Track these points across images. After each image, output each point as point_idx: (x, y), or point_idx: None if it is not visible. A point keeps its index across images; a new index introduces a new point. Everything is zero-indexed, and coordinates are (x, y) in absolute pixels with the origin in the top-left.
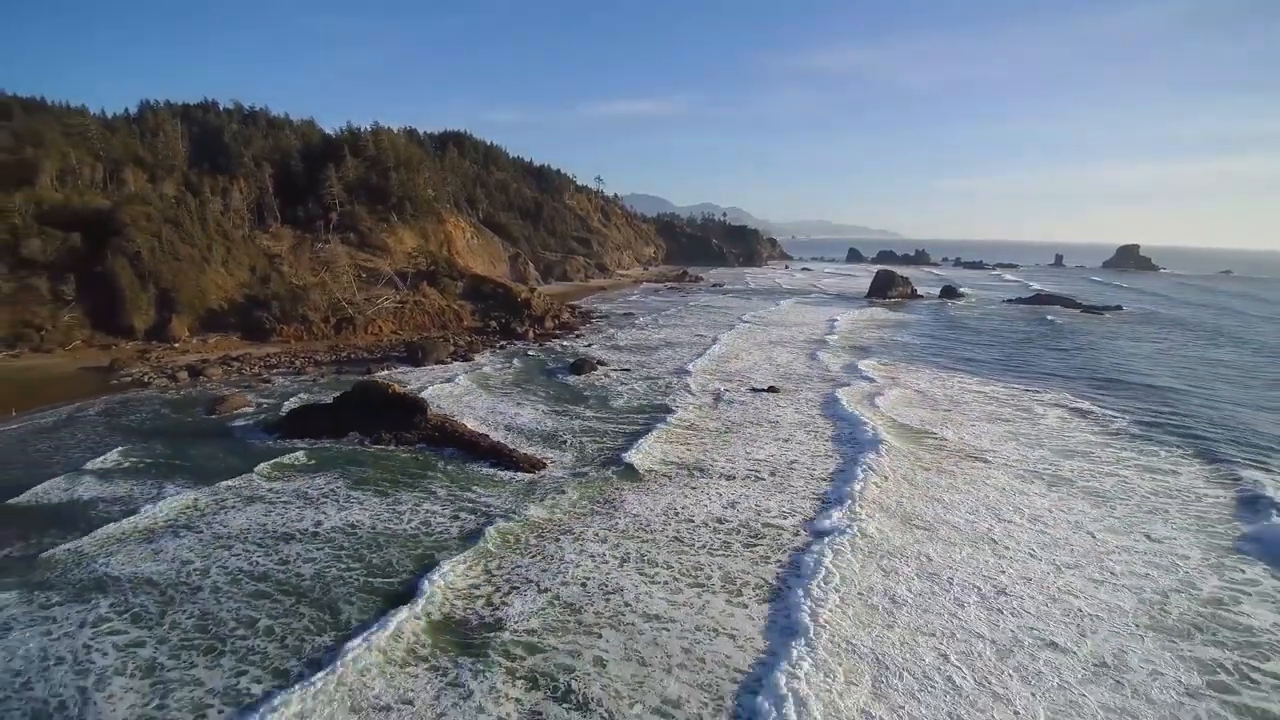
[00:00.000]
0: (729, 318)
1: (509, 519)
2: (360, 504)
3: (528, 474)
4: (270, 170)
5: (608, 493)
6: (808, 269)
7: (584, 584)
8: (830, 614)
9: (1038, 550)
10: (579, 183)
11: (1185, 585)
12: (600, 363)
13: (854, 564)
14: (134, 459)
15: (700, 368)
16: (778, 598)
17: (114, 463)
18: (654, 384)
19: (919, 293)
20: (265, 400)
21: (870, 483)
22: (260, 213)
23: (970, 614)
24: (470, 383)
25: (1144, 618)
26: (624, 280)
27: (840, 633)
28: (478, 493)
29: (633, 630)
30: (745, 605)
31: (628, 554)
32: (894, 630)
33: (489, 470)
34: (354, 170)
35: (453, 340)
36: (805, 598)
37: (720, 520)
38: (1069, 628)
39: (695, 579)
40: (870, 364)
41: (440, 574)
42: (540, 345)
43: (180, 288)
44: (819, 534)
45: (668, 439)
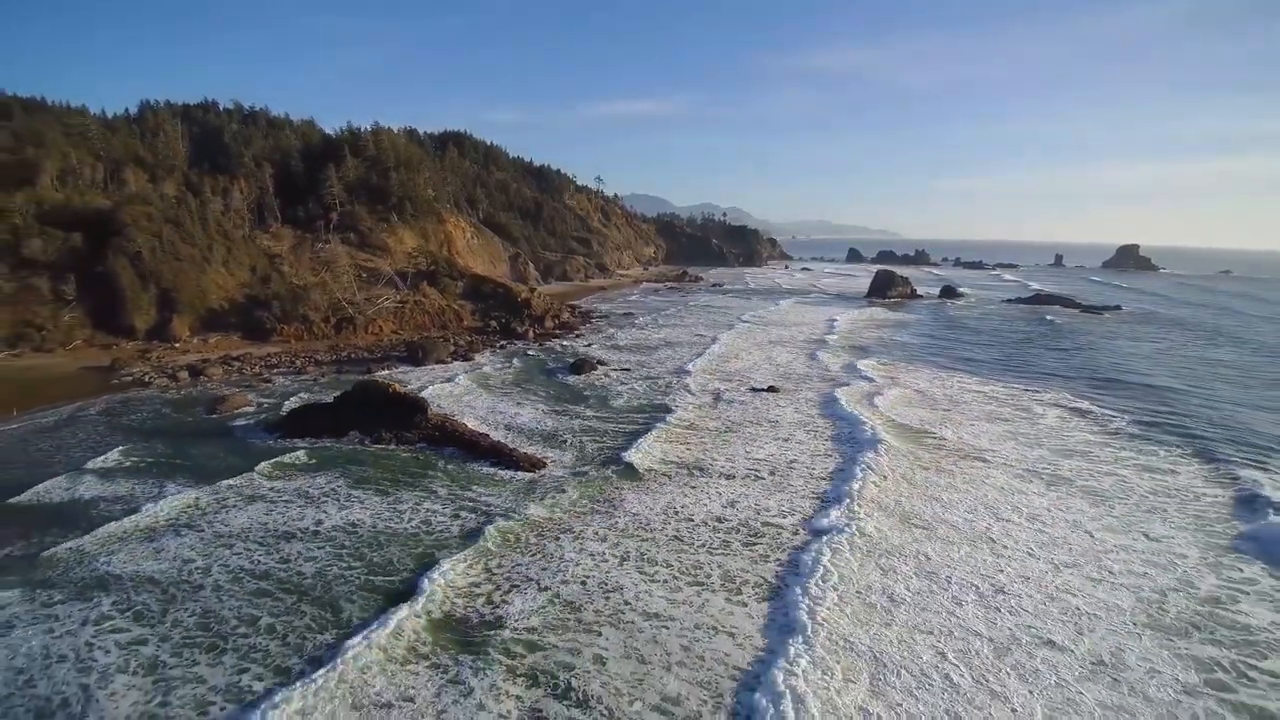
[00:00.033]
0: (729, 317)
1: (509, 518)
2: (361, 503)
3: (528, 473)
4: (270, 170)
5: (608, 492)
6: (808, 269)
7: (584, 582)
8: (828, 612)
9: (1036, 549)
10: (579, 183)
11: (1183, 584)
12: (600, 362)
13: (852, 563)
14: (135, 458)
15: (700, 367)
16: (777, 596)
17: (115, 462)
18: (654, 384)
19: (919, 293)
20: (266, 400)
21: (869, 482)
22: (260, 213)
23: (968, 612)
24: (470, 382)
25: (1142, 616)
26: (624, 280)
27: (838, 631)
28: (478, 492)
29: (632, 628)
30: (744, 604)
31: (627, 552)
32: (892, 628)
33: (489, 469)
34: (354, 170)
35: (453, 340)
36: (804, 596)
37: (720, 519)
38: (1067, 626)
39: (695, 577)
40: (870, 364)
41: (441, 572)
42: (540, 345)
43: (181, 287)
44: (818, 533)
45: (667, 438)
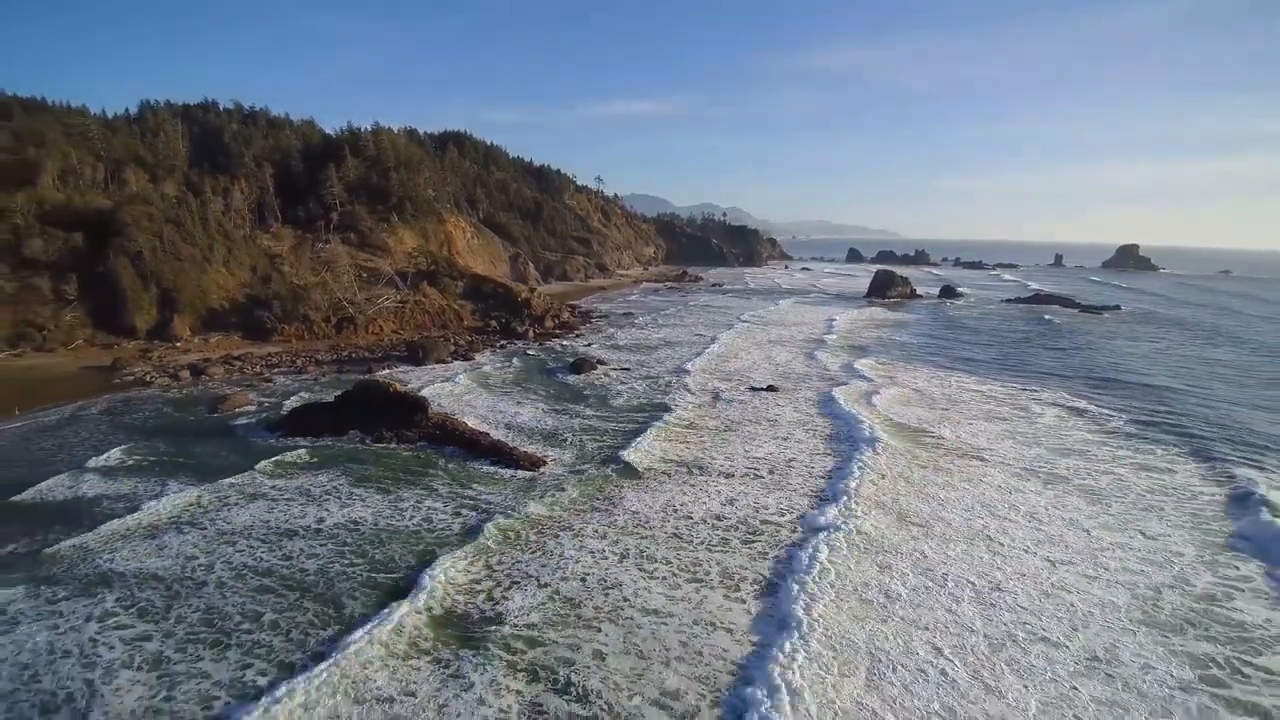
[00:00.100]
0: (728, 317)
1: (509, 516)
2: (362, 501)
3: (528, 472)
4: (271, 170)
5: (607, 490)
6: (807, 269)
7: (583, 579)
8: (826, 608)
9: (1033, 546)
10: (579, 183)
11: (1179, 581)
12: (600, 362)
13: (850, 560)
14: (137, 457)
15: (699, 367)
16: (774, 593)
17: (117, 460)
18: (653, 383)
19: (918, 292)
20: (267, 399)
21: (867, 480)
22: (261, 213)
23: (964, 609)
24: (470, 382)
25: (1137, 613)
26: (624, 280)
27: (835, 627)
28: (478, 490)
29: (631, 624)
30: (743, 600)
31: (627, 550)
32: (888, 624)
33: (489, 468)
34: (354, 170)
35: (453, 340)
36: (801, 592)
37: (719, 517)
38: (1062, 622)
39: (693, 574)
40: (869, 363)
41: (442, 569)
42: (540, 345)
43: (182, 287)
44: (816, 530)
45: (667, 437)
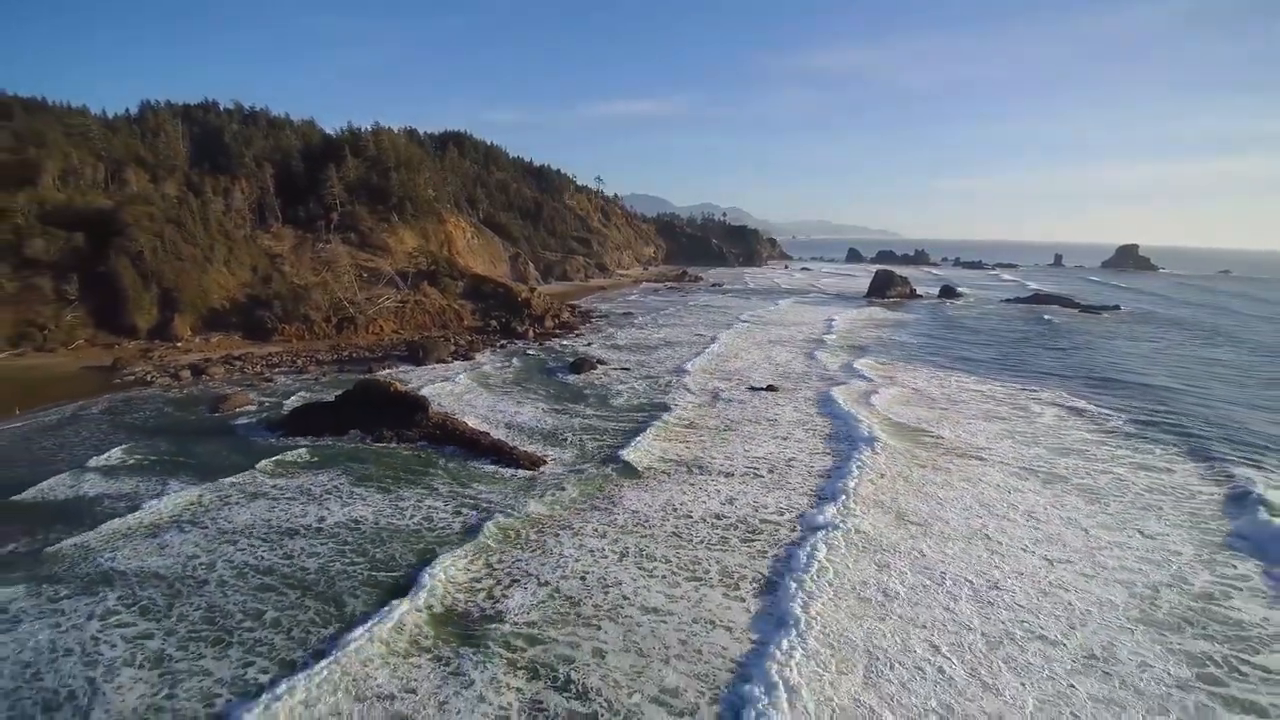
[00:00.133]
0: (728, 317)
1: (509, 515)
2: (363, 500)
3: (528, 471)
4: (271, 170)
5: (607, 489)
6: (807, 269)
7: (583, 578)
8: (824, 607)
9: (1031, 545)
10: (579, 183)
11: (1177, 580)
12: (600, 362)
13: (848, 559)
14: (138, 456)
15: (699, 367)
16: (773, 591)
17: (118, 460)
18: (653, 383)
19: (918, 292)
20: (267, 399)
21: (866, 480)
22: (261, 213)
23: (962, 607)
24: (471, 381)
25: (1135, 611)
26: (624, 280)
27: (834, 625)
28: (479, 489)
29: (631, 622)
30: (742, 599)
31: (626, 549)
32: (886, 622)
33: (490, 467)
34: (354, 170)
35: (453, 339)
36: (800, 591)
37: (718, 516)
38: (1060, 621)
39: (693, 573)
40: (868, 363)
41: (442, 568)
42: (540, 344)
43: (182, 287)
44: (815, 529)
45: (667, 437)
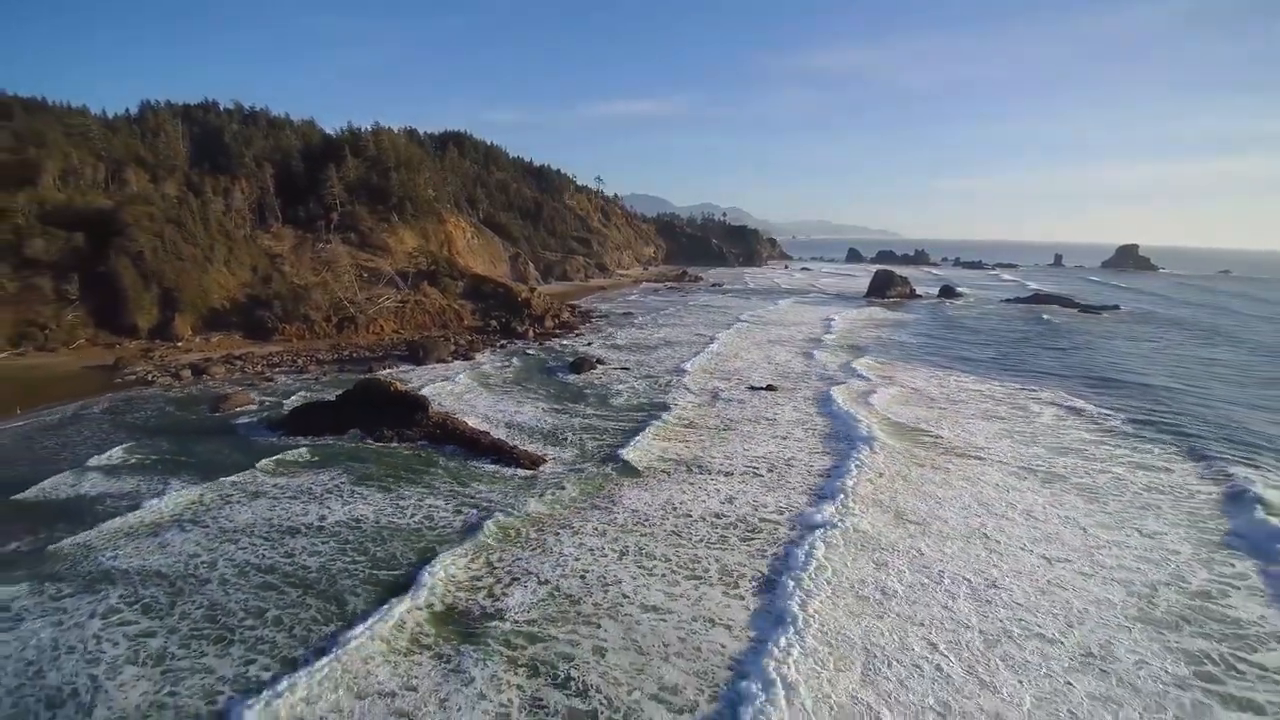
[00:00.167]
0: (727, 317)
1: (510, 514)
2: (364, 499)
3: (528, 470)
4: (271, 170)
5: (607, 488)
6: (807, 269)
7: (583, 576)
8: (823, 605)
9: (1029, 544)
10: (579, 183)
11: (1174, 579)
12: (600, 361)
13: (847, 557)
14: (139, 455)
15: (699, 366)
16: (772, 589)
17: (119, 459)
18: (653, 382)
19: (917, 292)
20: (268, 398)
21: (865, 479)
22: (261, 213)
23: (960, 605)
24: (471, 381)
25: (1133, 610)
26: (624, 280)
27: (832, 623)
28: (479, 488)
29: (631, 620)
30: (741, 597)
31: (626, 547)
32: (884, 620)
33: (490, 466)
34: (354, 170)
35: (453, 339)
36: (799, 589)
37: (718, 515)
38: (1058, 619)
39: (692, 571)
40: (868, 363)
41: (443, 566)
42: (540, 344)
43: (183, 287)
44: (814, 528)
45: (666, 436)
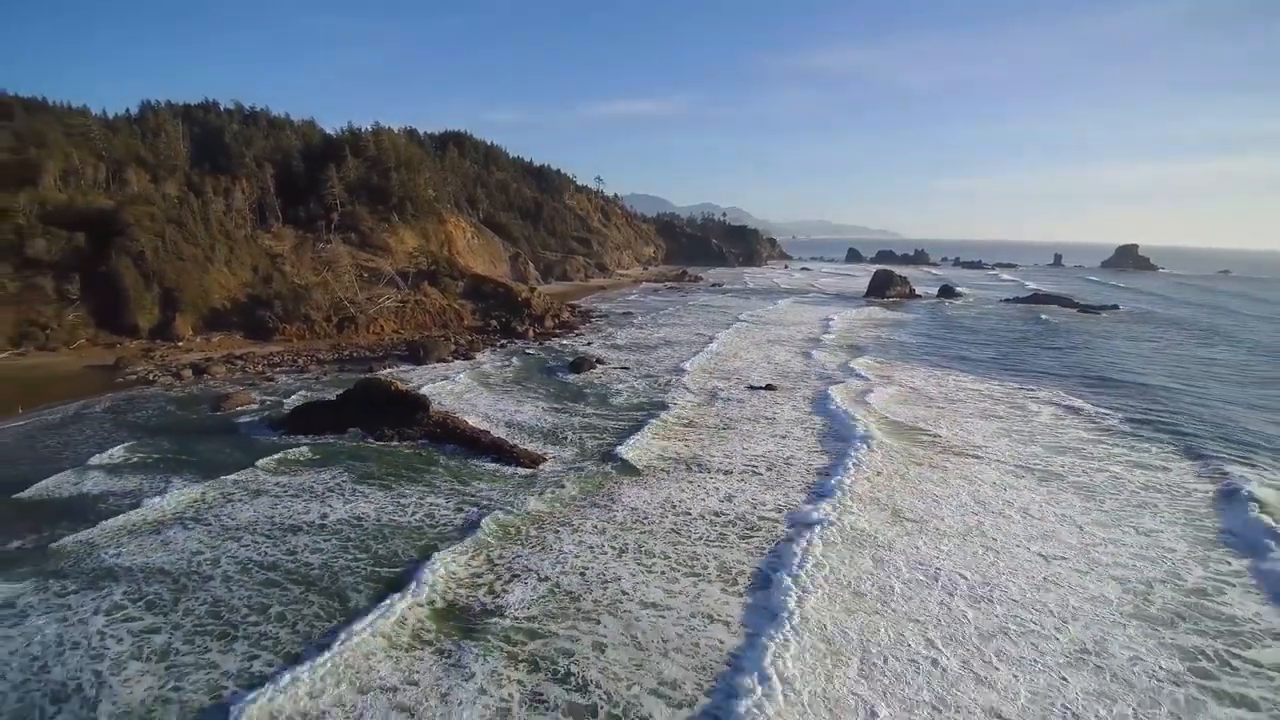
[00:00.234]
0: (727, 317)
1: (510, 512)
2: (365, 497)
3: (528, 469)
4: (272, 170)
5: (607, 487)
6: (807, 269)
7: (583, 573)
8: (820, 601)
9: (1026, 542)
10: (579, 183)
11: (1170, 576)
12: (599, 361)
13: (845, 555)
14: (140, 454)
15: (698, 366)
16: (771, 586)
17: (121, 458)
18: (653, 382)
19: (917, 292)
20: (269, 397)
21: (863, 477)
22: (262, 213)
23: (957, 602)
24: (471, 380)
25: (1128, 607)
26: (624, 280)
27: (829, 619)
28: (479, 487)
29: (630, 617)
30: (740, 593)
31: (626, 545)
32: (882, 616)
33: (490, 465)
34: (355, 170)
35: (454, 339)
36: (797, 586)
37: (717, 513)
38: (1054, 616)
39: (691, 569)
40: (866, 362)
41: (444, 563)
42: (540, 344)
43: (184, 287)
44: (812, 526)
45: (666, 435)
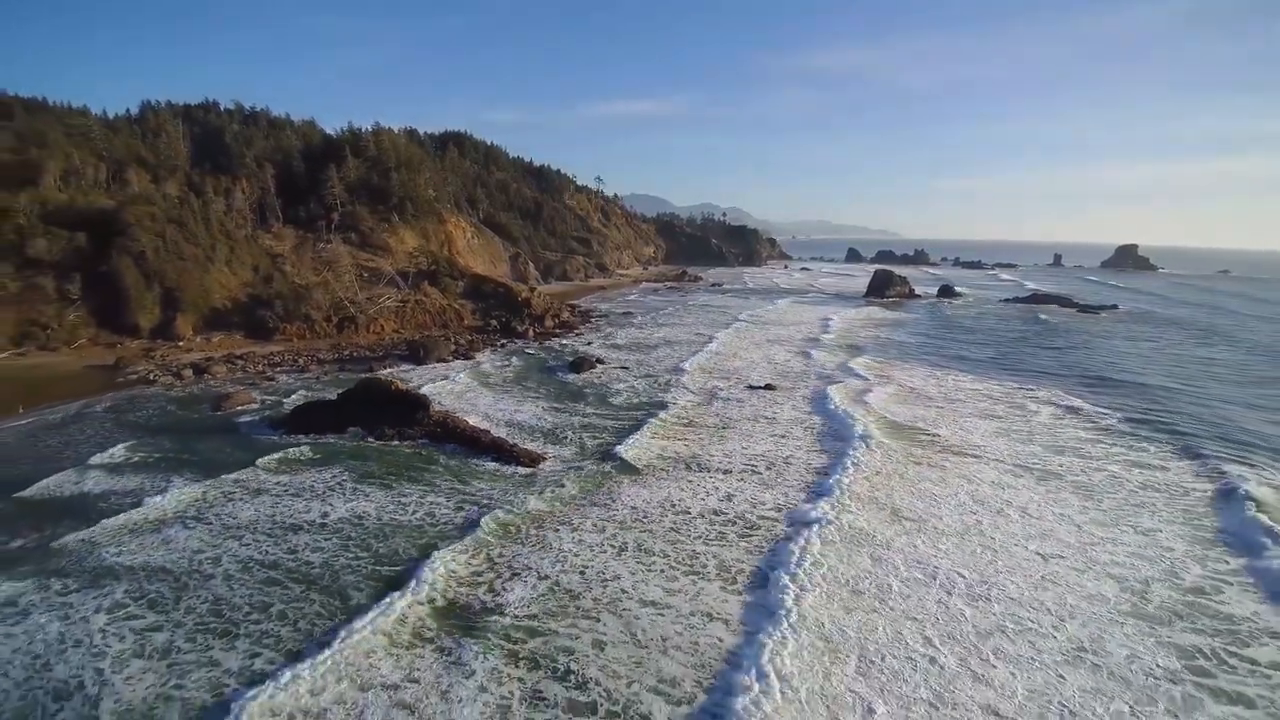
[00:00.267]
0: (727, 317)
1: (510, 511)
2: (365, 496)
3: (528, 468)
4: (272, 170)
5: (606, 486)
6: (806, 269)
7: (583, 572)
8: (819, 599)
9: (1024, 541)
10: (579, 183)
11: (1168, 575)
12: (599, 360)
13: (844, 553)
14: (141, 453)
15: (698, 365)
16: (770, 584)
17: (121, 457)
18: (652, 381)
19: (916, 292)
20: (269, 397)
21: (862, 476)
22: (262, 213)
23: (955, 600)
24: (471, 380)
25: (1126, 605)
26: (624, 280)
27: (828, 616)
28: (479, 486)
29: (630, 615)
30: (739, 592)
31: (625, 544)
32: (879, 614)
33: (490, 465)
34: (355, 170)
35: (454, 339)
36: (795, 585)
37: (716, 512)
38: (1052, 614)
39: (691, 567)
40: (866, 362)
41: (444, 562)
42: (540, 344)
43: (184, 287)
44: (811, 524)
45: (665, 434)
